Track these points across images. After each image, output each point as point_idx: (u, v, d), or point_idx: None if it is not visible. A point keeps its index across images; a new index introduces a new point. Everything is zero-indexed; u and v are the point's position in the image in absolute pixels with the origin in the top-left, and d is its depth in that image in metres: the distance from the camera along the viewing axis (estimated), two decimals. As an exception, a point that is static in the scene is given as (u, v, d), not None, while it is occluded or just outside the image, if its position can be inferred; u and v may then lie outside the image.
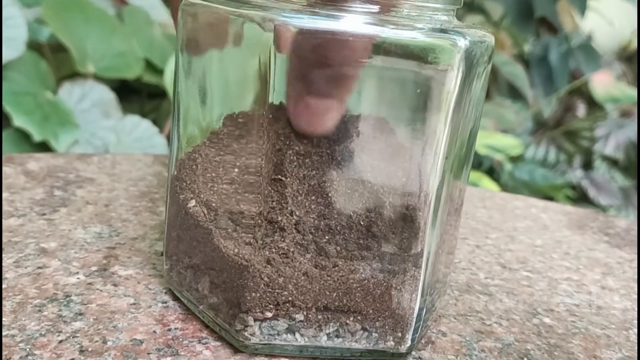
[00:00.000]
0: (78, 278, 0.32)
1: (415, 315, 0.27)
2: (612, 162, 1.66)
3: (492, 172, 1.47)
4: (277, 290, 0.26)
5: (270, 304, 0.26)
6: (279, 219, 0.26)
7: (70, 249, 0.35)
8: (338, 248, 0.26)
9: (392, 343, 0.28)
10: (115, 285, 0.32)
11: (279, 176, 0.25)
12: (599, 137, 1.65)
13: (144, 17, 1.01)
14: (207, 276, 0.28)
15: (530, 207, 0.54)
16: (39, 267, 0.32)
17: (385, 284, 0.27)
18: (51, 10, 0.88)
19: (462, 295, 0.35)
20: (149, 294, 0.31)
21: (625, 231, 0.50)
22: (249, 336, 0.27)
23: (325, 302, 0.27)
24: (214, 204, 0.27)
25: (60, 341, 0.27)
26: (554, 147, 1.69)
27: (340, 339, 0.27)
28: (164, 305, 0.30)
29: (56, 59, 0.93)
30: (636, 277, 0.42)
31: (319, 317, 0.27)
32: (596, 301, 0.37)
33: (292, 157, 0.25)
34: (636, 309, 0.37)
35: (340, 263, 0.26)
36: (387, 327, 0.27)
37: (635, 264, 0.44)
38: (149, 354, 0.26)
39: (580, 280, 0.40)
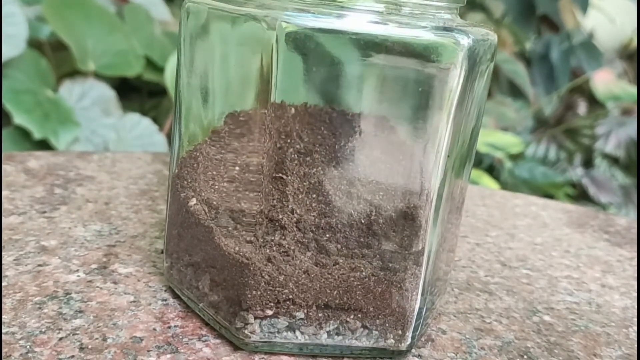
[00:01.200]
0: (78, 276, 0.32)
1: (415, 313, 0.27)
2: (613, 160, 1.66)
3: (492, 170, 1.47)
4: (277, 288, 0.26)
5: (270, 302, 0.26)
6: (280, 217, 0.26)
7: (70, 247, 0.35)
8: (339, 246, 0.26)
9: (393, 341, 0.28)
10: (115, 283, 0.32)
11: (280, 174, 0.25)
12: (599, 135, 1.65)
13: (145, 15, 1.01)
14: (208, 274, 0.28)
15: (530, 205, 0.54)
16: (39, 265, 0.32)
17: (385, 281, 0.27)
18: (51, 8, 0.88)
19: (462, 293, 0.35)
20: (149, 292, 0.31)
21: (625, 229, 0.50)
22: (249, 334, 0.27)
23: (326, 300, 0.27)
24: (214, 202, 0.27)
25: (61, 338, 0.27)
26: (554, 145, 1.68)
27: (341, 337, 0.27)
28: (164, 302, 0.30)
29: (56, 57, 0.93)
30: (636, 275, 0.42)
31: (320, 315, 0.27)
32: (596, 299, 0.37)
33: (293, 156, 0.25)
34: (636, 306, 0.37)
35: (341, 261, 0.26)
36: (387, 324, 0.27)
37: (635, 262, 0.44)
38: (148, 351, 0.27)
39: (580, 278, 0.40)
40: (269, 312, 0.27)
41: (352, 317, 0.27)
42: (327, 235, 0.26)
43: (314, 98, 0.25)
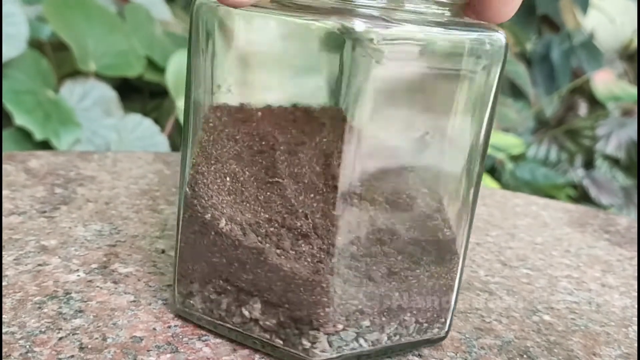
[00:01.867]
0: (78, 275, 0.32)
1: (453, 302, 0.29)
2: (614, 161, 1.66)
3: (494, 171, 1.47)
4: (349, 302, 0.26)
5: (342, 316, 0.26)
6: (338, 229, 0.25)
7: (70, 247, 0.35)
8: (396, 251, 0.26)
9: (437, 330, 0.29)
10: (115, 282, 0.32)
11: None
12: (600, 136, 1.65)
13: (145, 15, 1.01)
14: (258, 298, 0.26)
15: (531, 205, 0.54)
16: (39, 265, 0.32)
17: (437, 277, 0.27)
18: (52, 8, 0.88)
19: (462, 293, 0.35)
20: (149, 292, 0.31)
21: (625, 229, 0.50)
22: (320, 353, 0.26)
23: (389, 303, 0.27)
24: (255, 221, 0.26)
25: (60, 338, 0.27)
26: (555, 146, 1.69)
27: (398, 336, 0.28)
28: (164, 302, 0.30)
29: (57, 57, 0.94)
30: (636, 274, 0.42)
31: (383, 319, 0.27)
32: (596, 299, 0.37)
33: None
34: (636, 306, 0.37)
35: (400, 265, 0.26)
36: (435, 316, 0.28)
37: (635, 262, 0.44)
38: (148, 351, 0.27)
39: (580, 277, 0.40)
40: (340, 327, 0.26)
41: (408, 315, 0.27)
42: (390, 240, 0.26)
43: (386, 105, 0.24)
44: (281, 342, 0.26)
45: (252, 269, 0.26)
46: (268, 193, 0.25)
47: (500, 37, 0.25)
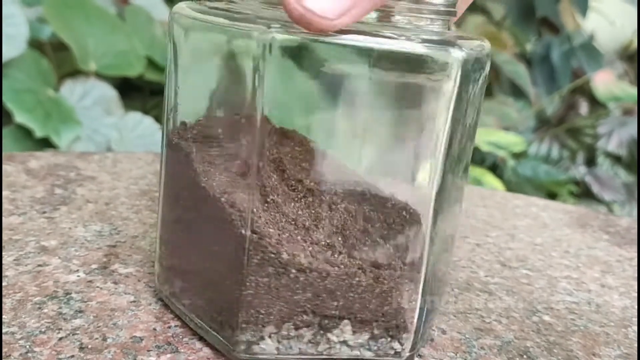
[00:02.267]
0: (78, 276, 0.32)
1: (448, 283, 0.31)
2: (615, 159, 1.66)
3: (496, 168, 1.47)
4: (427, 298, 0.28)
5: (423, 313, 0.28)
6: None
7: (70, 247, 0.35)
8: None
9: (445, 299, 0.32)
10: (115, 283, 0.32)
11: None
12: (601, 134, 1.65)
13: (145, 16, 1.02)
14: (348, 320, 0.27)
15: (531, 206, 0.54)
16: (39, 265, 0.32)
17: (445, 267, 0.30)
18: (52, 9, 0.89)
19: (462, 293, 0.35)
20: (149, 292, 0.31)
21: (625, 229, 0.50)
22: (408, 352, 0.28)
23: (436, 288, 0.29)
24: (341, 253, 0.26)
25: (60, 338, 0.27)
26: (557, 144, 1.69)
27: (436, 311, 0.30)
28: (164, 302, 0.30)
29: (57, 57, 0.94)
30: (636, 275, 0.42)
31: (435, 299, 0.29)
32: (595, 299, 0.37)
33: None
34: (635, 306, 0.37)
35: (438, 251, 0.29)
36: (445, 295, 0.31)
37: (635, 262, 0.44)
38: (148, 351, 0.27)
39: (580, 278, 0.40)
40: (422, 323, 0.28)
41: (440, 290, 0.30)
42: None
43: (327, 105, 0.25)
44: (372, 353, 0.27)
45: (344, 294, 0.26)
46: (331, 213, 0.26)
47: (487, 45, 0.27)
